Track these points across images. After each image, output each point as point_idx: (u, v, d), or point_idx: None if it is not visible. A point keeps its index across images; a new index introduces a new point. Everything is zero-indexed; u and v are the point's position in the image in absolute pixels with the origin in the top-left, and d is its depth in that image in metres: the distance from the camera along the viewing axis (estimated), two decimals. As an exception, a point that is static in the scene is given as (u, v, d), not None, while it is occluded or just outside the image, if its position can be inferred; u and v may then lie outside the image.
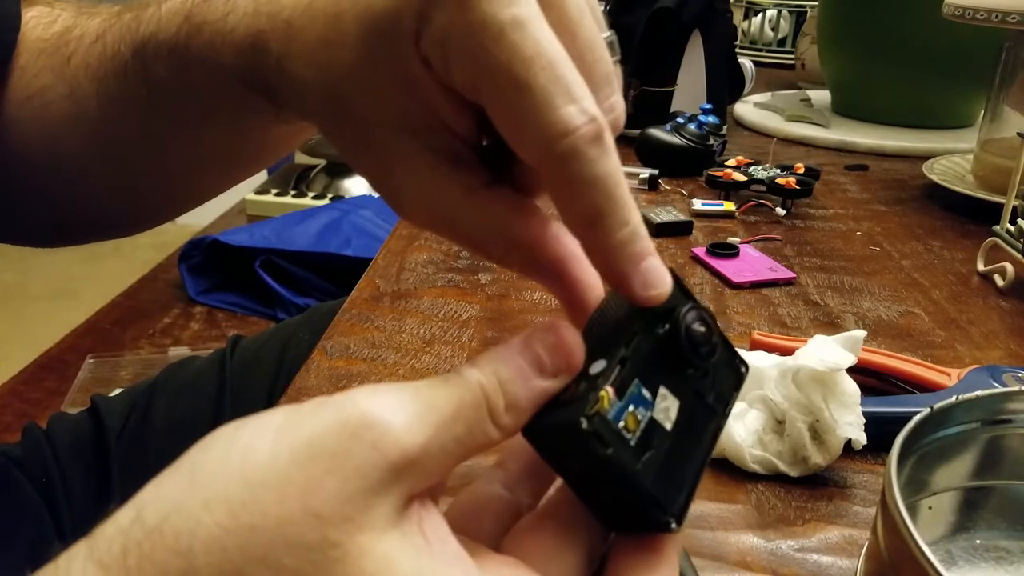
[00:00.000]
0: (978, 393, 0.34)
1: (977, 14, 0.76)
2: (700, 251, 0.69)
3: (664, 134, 0.90)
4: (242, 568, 0.18)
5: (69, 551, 0.18)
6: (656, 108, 1.00)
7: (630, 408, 0.22)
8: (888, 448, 0.31)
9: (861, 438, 0.39)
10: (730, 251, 0.68)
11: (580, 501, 0.23)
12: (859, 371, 0.46)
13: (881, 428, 0.39)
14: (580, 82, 0.23)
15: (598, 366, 0.22)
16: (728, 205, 0.80)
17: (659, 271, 0.23)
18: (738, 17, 1.58)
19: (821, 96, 1.24)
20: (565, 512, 0.23)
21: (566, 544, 0.23)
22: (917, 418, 0.32)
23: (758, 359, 0.43)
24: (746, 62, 1.22)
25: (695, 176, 0.89)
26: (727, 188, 0.82)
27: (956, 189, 0.81)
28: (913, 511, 0.35)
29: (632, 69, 1.00)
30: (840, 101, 1.20)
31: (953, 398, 0.34)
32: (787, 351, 0.44)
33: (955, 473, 0.36)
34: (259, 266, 1.50)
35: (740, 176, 0.82)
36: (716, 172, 0.83)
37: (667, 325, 0.24)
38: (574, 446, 0.21)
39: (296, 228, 1.58)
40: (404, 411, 0.20)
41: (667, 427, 0.23)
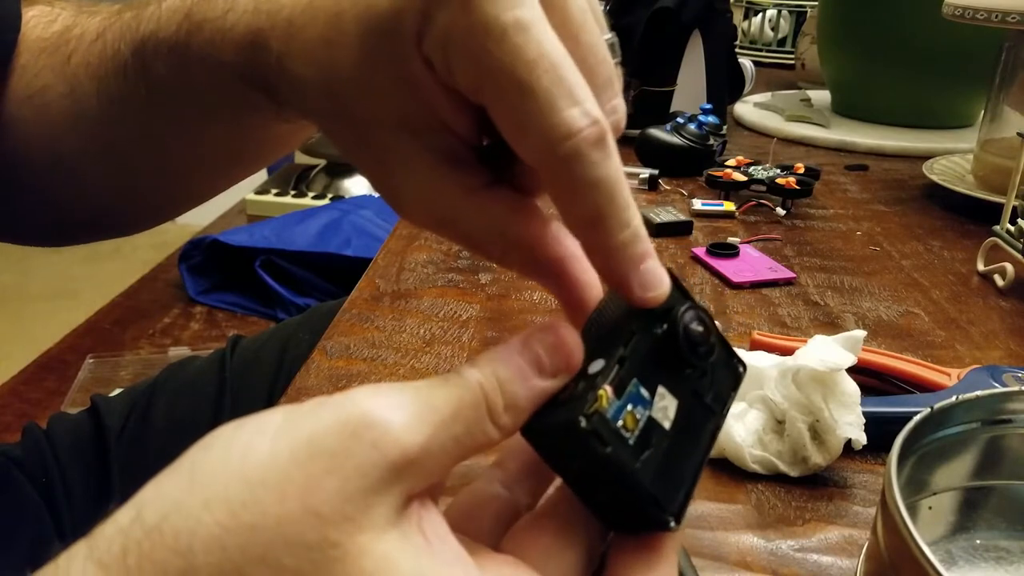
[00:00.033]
0: (978, 393, 0.35)
1: (977, 14, 0.76)
2: (700, 251, 0.69)
3: (664, 134, 0.90)
4: (242, 567, 0.18)
5: (69, 551, 0.18)
6: (656, 108, 1.00)
7: (629, 407, 0.22)
8: (888, 448, 0.31)
9: (861, 438, 0.39)
10: (730, 251, 0.68)
11: (579, 500, 0.23)
12: (859, 371, 0.46)
13: (881, 428, 0.39)
14: (583, 85, 0.23)
15: (597, 365, 0.22)
16: (728, 205, 0.80)
17: (658, 273, 0.24)
18: (738, 17, 1.58)
19: (821, 96, 1.24)
20: (564, 511, 0.23)
21: (565, 543, 0.23)
22: (917, 418, 0.32)
23: (758, 359, 0.43)
24: (746, 62, 1.22)
25: (695, 176, 0.89)
26: (727, 188, 0.82)
27: (956, 189, 0.81)
28: (913, 511, 0.35)
29: (632, 69, 1.00)
30: (840, 101, 1.20)
31: (953, 398, 0.34)
32: (787, 351, 0.44)
33: (955, 473, 0.36)
34: (259, 266, 1.50)
35: (740, 176, 0.82)
36: (716, 172, 0.83)
37: (665, 325, 0.24)
38: (573, 445, 0.21)
39: (296, 228, 1.58)
40: (404, 411, 0.20)
41: (665, 426, 0.23)
